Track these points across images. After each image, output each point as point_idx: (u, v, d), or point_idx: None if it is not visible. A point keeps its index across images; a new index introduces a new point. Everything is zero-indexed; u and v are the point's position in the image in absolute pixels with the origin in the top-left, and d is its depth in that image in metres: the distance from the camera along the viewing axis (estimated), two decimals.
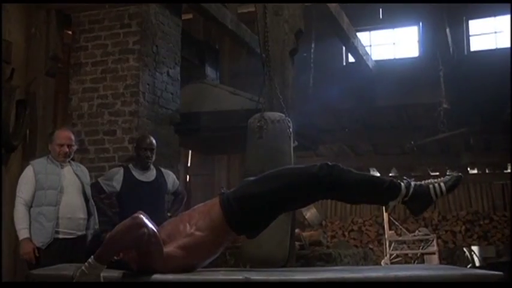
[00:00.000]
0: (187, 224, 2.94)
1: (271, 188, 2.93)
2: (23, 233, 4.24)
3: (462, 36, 10.27)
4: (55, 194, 4.32)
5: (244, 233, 3.06)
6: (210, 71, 8.12)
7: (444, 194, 2.99)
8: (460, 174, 3.02)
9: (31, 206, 4.31)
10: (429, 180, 3.00)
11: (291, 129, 4.55)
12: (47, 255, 4.15)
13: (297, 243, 6.02)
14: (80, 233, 4.42)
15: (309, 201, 3.18)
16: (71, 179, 4.48)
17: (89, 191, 4.60)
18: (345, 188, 2.97)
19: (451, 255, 10.67)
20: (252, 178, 3.08)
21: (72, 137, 4.54)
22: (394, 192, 2.94)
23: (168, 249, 2.82)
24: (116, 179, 4.94)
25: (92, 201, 4.62)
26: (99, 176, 5.09)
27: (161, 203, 5.01)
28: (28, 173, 4.38)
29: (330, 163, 2.97)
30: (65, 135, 4.50)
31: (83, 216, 4.47)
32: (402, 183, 2.94)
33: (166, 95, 6.19)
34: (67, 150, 4.45)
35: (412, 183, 2.96)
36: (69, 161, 4.55)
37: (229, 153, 9.61)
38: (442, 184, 3.00)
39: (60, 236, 4.30)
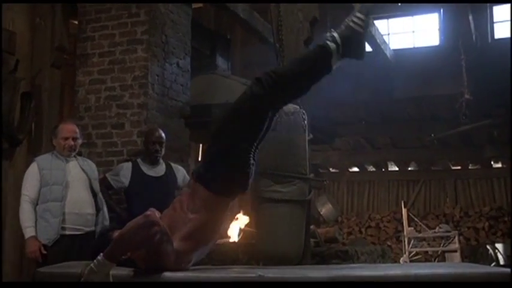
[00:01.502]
0: (181, 211, 2.98)
1: (225, 138, 3.00)
2: (28, 232, 4.27)
3: (486, 23, 10.18)
4: (60, 189, 4.35)
5: (235, 191, 3.11)
6: (221, 62, 8.12)
7: (366, 21, 3.07)
8: None
9: (37, 204, 4.34)
10: (345, 20, 3.09)
11: (305, 122, 4.54)
12: (54, 252, 4.19)
13: (312, 240, 6.01)
14: (88, 229, 4.44)
15: (265, 119, 3.13)
16: (77, 174, 4.51)
17: (96, 185, 4.62)
18: (286, 86, 3.03)
19: (474, 253, 10.60)
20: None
21: (77, 130, 4.57)
22: (327, 54, 3.03)
23: (175, 243, 2.84)
24: (124, 174, 4.96)
25: (100, 196, 4.64)
26: (107, 171, 5.11)
27: (171, 199, 4.97)
28: (32, 170, 4.41)
29: (258, 76, 3.04)
30: (69, 129, 4.53)
31: (91, 211, 4.50)
32: (327, 41, 3.03)
33: (176, 87, 6.20)
34: (72, 143, 4.48)
35: (334, 33, 3.05)
36: (75, 156, 4.58)
37: None
38: (358, 14, 3.09)
39: (67, 233, 4.32)
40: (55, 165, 4.42)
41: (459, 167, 12.55)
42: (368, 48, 10.26)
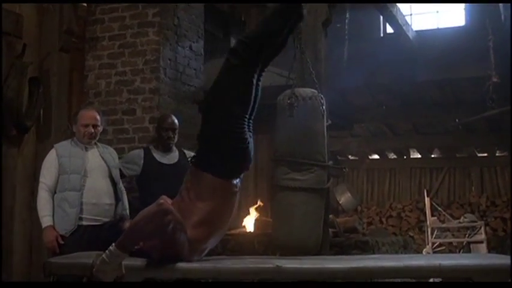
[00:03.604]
0: (189, 200, 3.00)
1: (215, 116, 3.08)
2: (45, 221, 4.33)
3: None
4: (78, 178, 4.39)
5: (236, 171, 3.16)
6: None
7: None
8: None
9: (55, 192, 4.40)
10: None
11: (324, 107, 4.53)
12: (71, 243, 4.23)
13: (330, 230, 6.01)
14: (106, 220, 4.48)
15: (251, 87, 3.21)
16: (96, 162, 4.55)
17: (116, 174, 4.65)
18: (261, 46, 3.14)
19: (501, 244, 10.53)
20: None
21: (98, 117, 4.62)
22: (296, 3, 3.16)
23: (187, 232, 2.86)
24: (136, 162, 5.00)
25: (120, 186, 4.67)
26: (118, 159, 5.14)
27: None
28: (51, 157, 4.48)
29: (232, 47, 3.21)
30: (89, 115, 4.59)
31: (109, 201, 4.54)
32: None
33: (189, 71, 6.21)
34: (92, 131, 4.54)
35: None
36: (95, 143, 4.63)
37: (257, 133, 9.59)
38: None
39: (84, 223, 4.37)
40: (74, 153, 4.48)
41: (485, 154, 12.43)
42: (389, 29, 10.19)
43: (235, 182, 3.12)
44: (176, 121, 5.05)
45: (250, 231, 6.81)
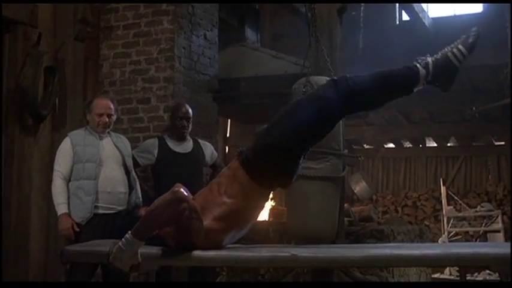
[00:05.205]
0: (217, 193, 2.99)
1: (284, 133, 2.98)
2: (61, 208, 4.36)
3: None
4: (94, 167, 4.42)
5: (276, 186, 3.13)
6: (250, 33, 8.07)
7: (467, 56, 3.07)
8: (476, 28, 3.07)
9: (70, 180, 4.42)
10: (445, 49, 3.08)
11: None
12: (87, 231, 4.27)
13: (345, 218, 6.01)
14: (120, 208, 4.51)
15: (330, 124, 3.15)
16: (111, 151, 4.57)
17: (130, 163, 4.67)
18: (361, 97, 3.03)
19: None
20: (264, 126, 3.14)
21: (112, 106, 4.62)
22: (414, 78, 3.05)
23: (206, 222, 2.86)
24: (150, 151, 5.02)
25: (133, 174, 4.69)
26: (133, 148, 5.16)
27: (198, 176, 5.07)
28: (65, 146, 4.50)
29: (335, 78, 3.07)
30: (104, 104, 4.59)
31: (124, 190, 4.56)
32: (419, 65, 3.03)
33: (204, 60, 6.20)
34: (106, 120, 4.54)
35: (429, 59, 3.05)
36: (108, 132, 4.65)
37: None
38: (460, 46, 3.10)
39: (100, 211, 4.40)
40: (89, 142, 4.49)
41: (502, 142, 12.32)
42: (405, 17, 10.11)
43: (269, 192, 3.14)
44: (190, 110, 5.06)
45: (265, 220, 6.82)
